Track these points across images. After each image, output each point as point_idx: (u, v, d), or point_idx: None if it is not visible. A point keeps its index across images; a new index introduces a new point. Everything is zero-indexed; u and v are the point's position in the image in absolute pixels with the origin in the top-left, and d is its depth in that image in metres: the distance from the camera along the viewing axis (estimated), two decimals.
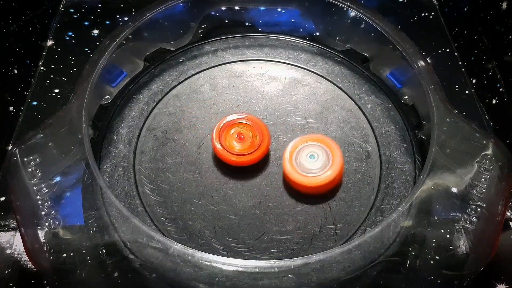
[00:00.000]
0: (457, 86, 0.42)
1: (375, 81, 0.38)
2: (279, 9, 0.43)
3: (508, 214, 0.34)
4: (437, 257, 0.27)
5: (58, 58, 0.43)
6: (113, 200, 0.28)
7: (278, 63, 0.39)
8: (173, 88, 0.37)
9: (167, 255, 0.26)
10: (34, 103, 0.40)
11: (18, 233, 0.32)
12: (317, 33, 0.42)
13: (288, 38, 0.40)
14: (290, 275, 0.26)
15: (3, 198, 0.34)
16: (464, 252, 0.27)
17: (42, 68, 0.42)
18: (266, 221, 0.31)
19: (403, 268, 0.28)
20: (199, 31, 0.42)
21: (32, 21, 0.44)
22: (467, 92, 0.41)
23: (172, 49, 0.39)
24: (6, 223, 0.33)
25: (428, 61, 0.35)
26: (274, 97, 0.37)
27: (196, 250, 0.26)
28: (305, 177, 0.31)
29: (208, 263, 0.26)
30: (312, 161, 0.31)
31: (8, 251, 0.32)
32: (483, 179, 0.29)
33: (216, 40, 0.40)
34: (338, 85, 0.37)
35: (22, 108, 0.39)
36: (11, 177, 0.29)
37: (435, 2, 0.48)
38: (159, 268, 0.27)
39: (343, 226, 0.31)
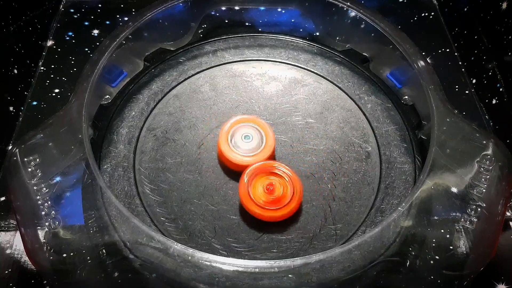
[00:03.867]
0: (457, 86, 0.42)
1: (375, 81, 0.38)
2: (279, 9, 0.43)
3: (508, 214, 0.34)
4: (437, 257, 0.27)
5: (58, 58, 0.43)
6: (113, 200, 0.28)
7: (278, 63, 0.39)
8: (173, 88, 0.37)
9: (167, 255, 0.26)
10: (34, 103, 0.39)
11: (18, 233, 0.32)
12: (317, 33, 0.42)
13: (288, 38, 0.40)
14: (290, 275, 0.26)
15: (3, 198, 0.34)
16: (464, 252, 0.27)
17: (42, 68, 0.42)
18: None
19: (403, 268, 0.28)
20: (199, 31, 0.42)
21: (32, 21, 0.44)
22: (467, 92, 0.41)
23: (172, 49, 0.39)
24: (6, 223, 0.33)
25: (428, 61, 0.35)
26: (274, 97, 0.37)
27: (196, 250, 0.26)
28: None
29: (208, 263, 0.26)
30: (247, 142, 0.32)
31: (8, 251, 0.32)
32: (483, 179, 0.29)
33: (216, 40, 0.40)
34: (338, 85, 0.37)
35: (22, 108, 0.39)
36: (11, 177, 0.29)
37: (435, 2, 0.48)
38: (159, 268, 0.27)
39: (343, 226, 0.31)
